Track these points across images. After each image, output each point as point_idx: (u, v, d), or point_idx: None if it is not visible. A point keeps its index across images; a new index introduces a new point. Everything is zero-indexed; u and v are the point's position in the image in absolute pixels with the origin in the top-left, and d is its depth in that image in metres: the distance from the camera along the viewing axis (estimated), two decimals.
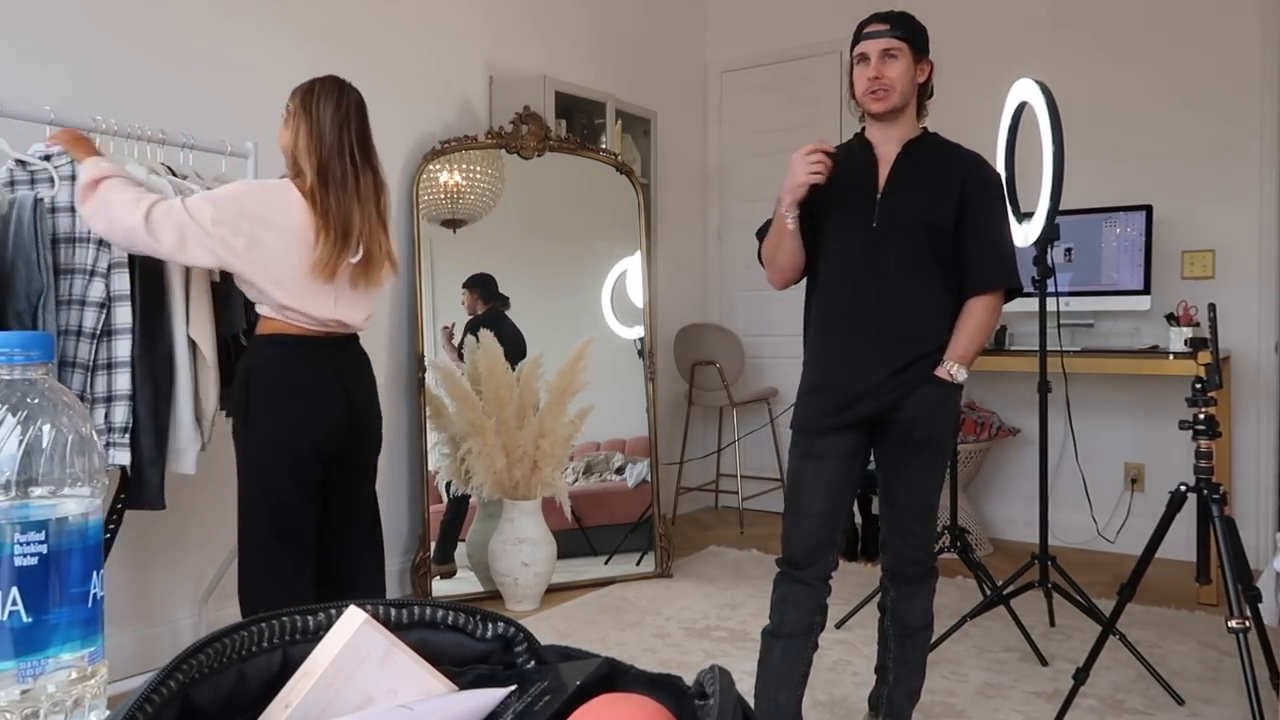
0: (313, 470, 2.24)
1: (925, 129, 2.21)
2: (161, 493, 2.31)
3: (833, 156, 2.10)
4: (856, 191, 2.13)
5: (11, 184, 2.24)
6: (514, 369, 3.57)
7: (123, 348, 2.21)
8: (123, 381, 2.21)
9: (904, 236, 2.08)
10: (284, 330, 2.21)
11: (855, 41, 2.14)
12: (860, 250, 2.11)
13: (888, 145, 2.15)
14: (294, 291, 2.17)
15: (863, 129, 2.22)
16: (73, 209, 2.18)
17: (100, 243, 2.17)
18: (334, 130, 2.21)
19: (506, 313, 3.74)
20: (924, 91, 2.18)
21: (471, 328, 3.66)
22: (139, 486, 2.29)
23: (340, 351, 2.29)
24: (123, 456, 2.21)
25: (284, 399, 2.20)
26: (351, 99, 2.26)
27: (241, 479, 2.23)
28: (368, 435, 2.37)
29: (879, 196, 2.11)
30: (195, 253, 2.12)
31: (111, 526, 2.38)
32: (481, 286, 3.73)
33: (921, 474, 2.12)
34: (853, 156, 2.18)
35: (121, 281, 2.20)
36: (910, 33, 2.10)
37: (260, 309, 2.23)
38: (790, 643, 2.11)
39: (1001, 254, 2.14)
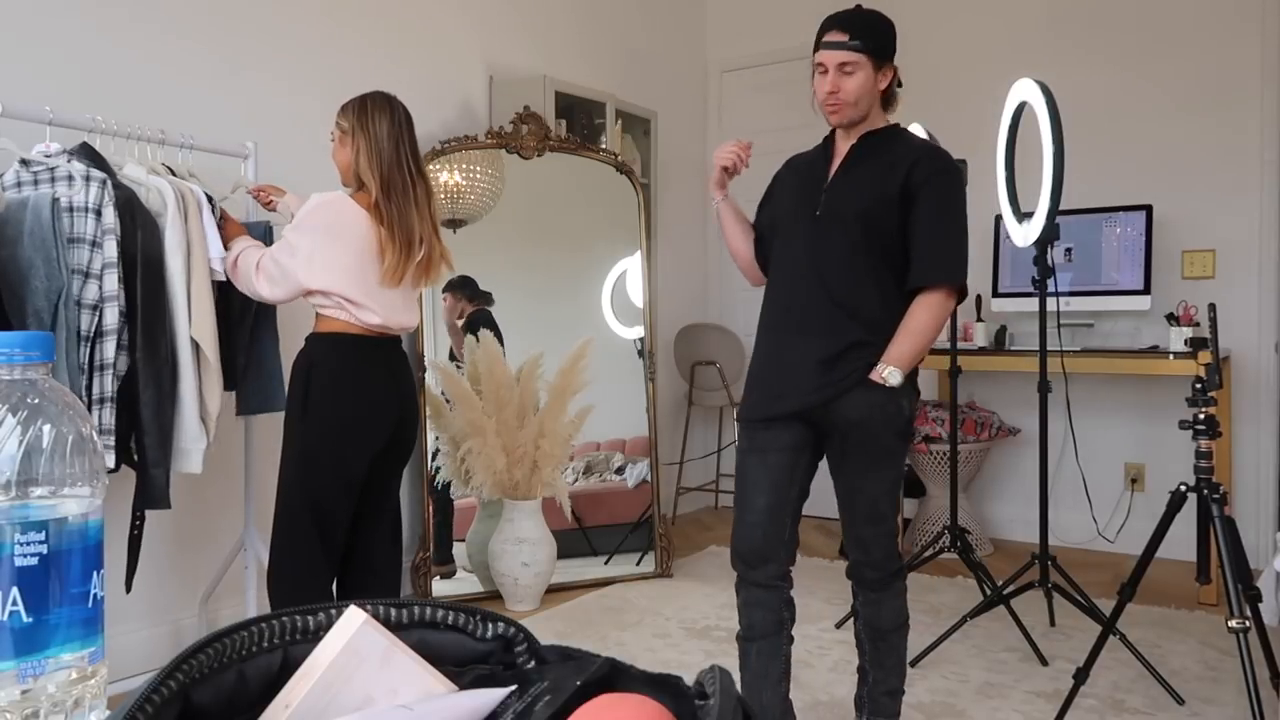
0: (361, 467, 2.36)
1: (891, 124, 2.17)
2: (167, 492, 2.34)
3: (786, 163, 2.25)
4: (807, 184, 2.14)
5: (18, 185, 2.24)
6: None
7: (110, 349, 2.21)
8: (110, 382, 2.21)
9: (843, 228, 2.05)
10: (344, 330, 2.33)
11: (816, 45, 2.07)
12: (802, 241, 2.10)
13: (848, 140, 2.15)
14: (367, 297, 2.30)
15: (832, 129, 2.20)
16: (71, 209, 2.18)
17: (94, 244, 2.18)
18: (391, 144, 2.34)
19: (490, 309, 3.73)
20: (887, 92, 2.12)
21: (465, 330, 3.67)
22: (145, 487, 2.32)
23: (393, 352, 2.42)
24: (108, 459, 2.22)
25: (343, 396, 2.32)
26: (401, 112, 2.39)
27: (288, 468, 2.34)
28: (411, 435, 2.49)
29: (825, 187, 2.11)
30: (300, 288, 2.30)
31: (138, 525, 2.43)
32: (466, 288, 3.71)
33: (865, 478, 2.06)
34: (816, 154, 2.20)
35: (110, 283, 2.20)
36: (871, 42, 2.03)
37: (321, 309, 2.34)
38: (763, 644, 2.09)
39: (945, 249, 2.04)
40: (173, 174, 2.50)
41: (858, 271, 2.05)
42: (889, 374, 2.00)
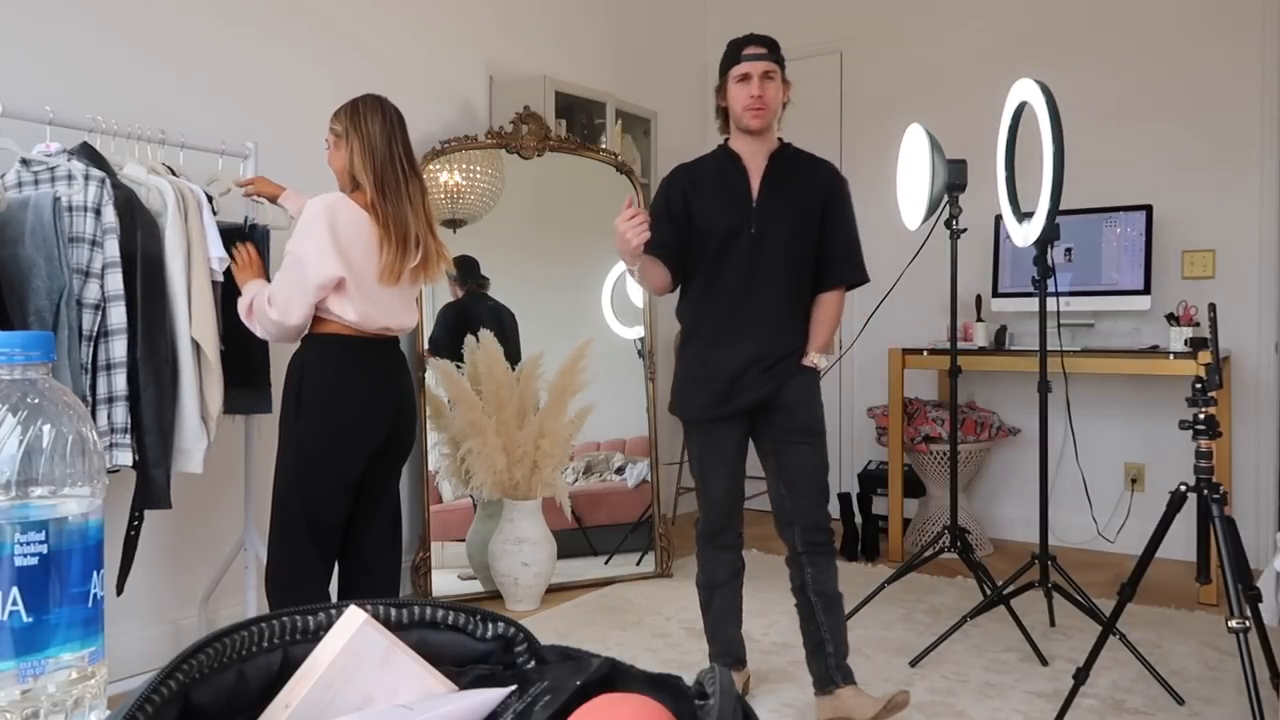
0: (355, 468, 2.36)
1: (781, 140, 2.46)
2: (167, 492, 2.34)
3: (682, 177, 2.46)
4: (732, 201, 2.37)
5: (19, 185, 2.24)
6: (503, 348, 3.57)
7: (120, 348, 2.21)
8: (121, 382, 2.21)
9: (779, 241, 2.35)
10: (339, 330, 2.32)
11: (733, 60, 2.38)
12: (739, 256, 2.36)
13: (755, 157, 2.40)
14: (367, 298, 2.30)
15: (726, 140, 2.47)
16: (70, 208, 2.18)
17: (94, 243, 2.18)
18: (384, 143, 2.35)
19: (488, 292, 3.73)
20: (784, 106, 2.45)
21: (451, 312, 3.65)
22: (145, 486, 2.32)
23: (389, 354, 2.42)
24: (124, 456, 2.23)
25: (337, 397, 2.31)
26: (393, 112, 2.41)
27: (283, 468, 2.34)
28: (408, 436, 2.50)
29: (754, 205, 2.36)
30: (315, 293, 2.26)
31: (135, 525, 2.42)
32: (458, 269, 3.70)
33: (814, 455, 2.39)
34: (722, 168, 2.43)
35: (115, 282, 2.20)
36: (781, 56, 2.41)
37: (320, 310, 2.32)
38: (724, 589, 2.50)
39: (858, 252, 2.45)
40: (174, 173, 2.50)
41: (797, 281, 2.39)
42: (818, 360, 2.40)
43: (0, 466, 0.59)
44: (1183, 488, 2.30)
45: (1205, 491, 2.26)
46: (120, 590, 2.47)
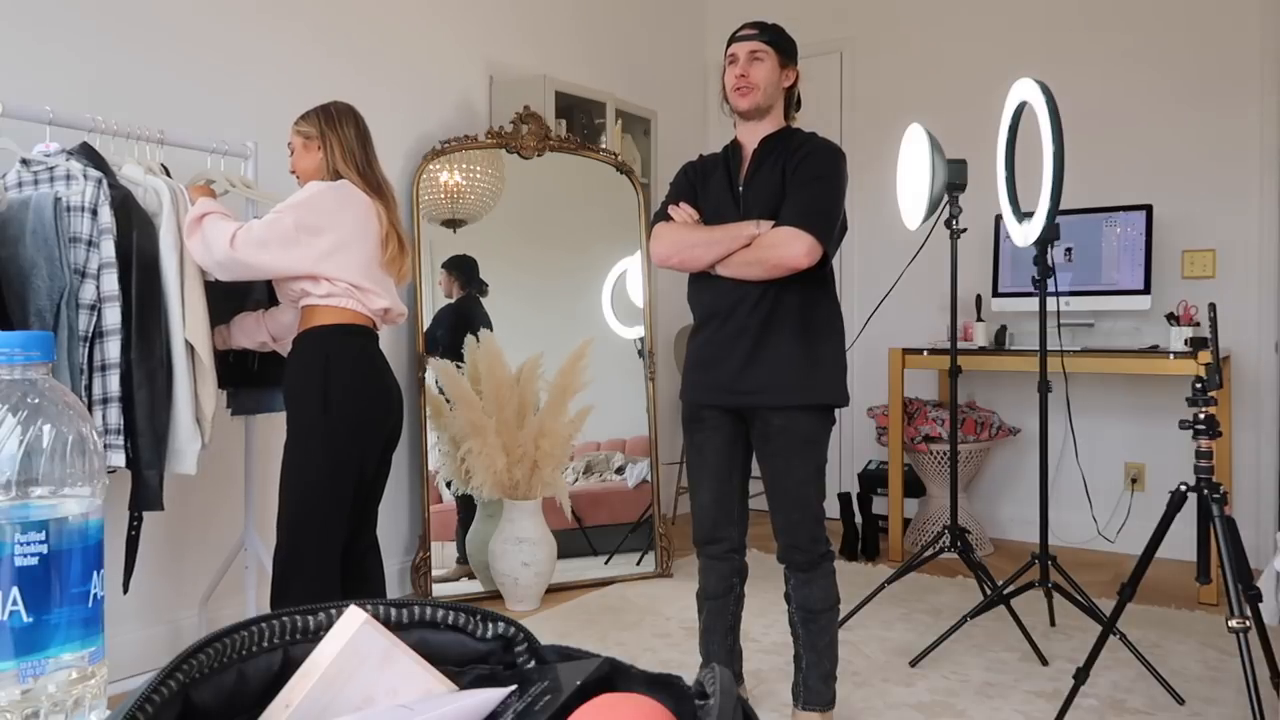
0: (375, 457, 2.38)
1: (788, 126, 2.36)
2: (160, 494, 2.32)
3: (693, 169, 2.39)
4: (722, 191, 2.31)
5: (19, 185, 2.24)
6: None
7: (114, 349, 2.21)
8: (115, 383, 2.21)
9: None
10: (353, 320, 2.33)
11: (728, 45, 2.33)
12: None
13: (751, 145, 2.33)
14: (375, 284, 2.33)
15: (733, 140, 2.39)
16: (69, 208, 2.18)
17: (90, 244, 2.17)
18: (360, 147, 2.40)
19: (483, 299, 3.73)
20: (790, 97, 2.36)
21: (450, 312, 3.66)
22: (138, 488, 2.30)
23: (378, 342, 2.43)
24: (117, 458, 2.22)
25: (364, 386, 2.32)
26: (363, 123, 2.46)
27: (305, 475, 2.28)
28: (400, 429, 2.51)
29: (740, 190, 2.29)
30: (284, 262, 2.24)
31: (135, 525, 2.41)
32: (460, 270, 3.70)
33: (789, 465, 2.22)
34: (725, 159, 2.37)
35: (110, 283, 2.19)
36: (777, 39, 2.30)
37: (329, 300, 2.30)
38: (714, 603, 2.38)
39: (814, 211, 2.16)
40: (168, 174, 2.50)
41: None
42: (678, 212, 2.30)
43: (0, 466, 0.59)
44: (1183, 487, 2.30)
45: (1205, 491, 2.26)
46: (126, 589, 2.47)
